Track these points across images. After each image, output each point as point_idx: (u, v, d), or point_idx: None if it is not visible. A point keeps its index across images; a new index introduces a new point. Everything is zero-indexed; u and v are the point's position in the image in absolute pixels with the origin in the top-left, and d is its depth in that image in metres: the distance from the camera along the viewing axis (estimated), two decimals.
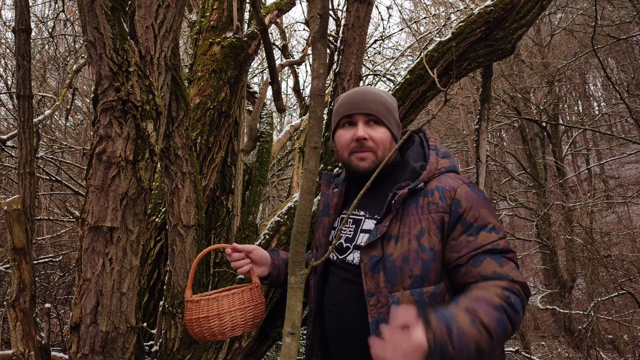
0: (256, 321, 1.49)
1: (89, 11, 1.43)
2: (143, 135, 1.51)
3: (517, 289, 1.24)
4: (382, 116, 1.47)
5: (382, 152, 1.45)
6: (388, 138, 1.47)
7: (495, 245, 1.30)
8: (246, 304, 1.46)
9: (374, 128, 1.47)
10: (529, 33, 9.93)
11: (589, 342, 6.73)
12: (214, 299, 1.44)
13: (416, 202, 1.36)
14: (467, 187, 1.36)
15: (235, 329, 1.44)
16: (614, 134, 10.03)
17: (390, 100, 1.52)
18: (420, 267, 1.32)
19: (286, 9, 3.25)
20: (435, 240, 1.33)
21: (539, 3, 2.31)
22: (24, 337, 2.02)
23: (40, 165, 5.43)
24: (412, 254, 1.32)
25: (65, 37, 6.90)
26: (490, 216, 1.34)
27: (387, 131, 1.47)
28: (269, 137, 3.45)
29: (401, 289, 1.32)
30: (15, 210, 2.04)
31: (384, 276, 1.33)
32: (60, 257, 6.18)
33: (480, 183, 2.56)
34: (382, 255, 1.35)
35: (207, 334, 1.43)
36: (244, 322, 1.46)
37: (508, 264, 1.29)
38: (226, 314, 1.43)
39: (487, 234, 1.31)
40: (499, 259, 1.28)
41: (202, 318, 1.42)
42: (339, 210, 1.56)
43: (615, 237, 9.60)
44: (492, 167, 10.91)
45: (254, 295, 1.49)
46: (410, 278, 1.31)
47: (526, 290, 1.27)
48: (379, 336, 1.26)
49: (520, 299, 1.24)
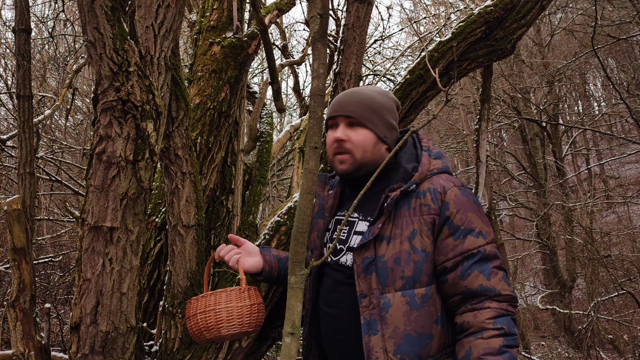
0: (252, 321, 1.49)
1: (89, 11, 1.43)
2: (143, 135, 1.51)
3: (504, 309, 1.28)
4: (362, 118, 1.46)
5: (362, 154, 1.45)
6: (369, 140, 1.46)
7: (482, 250, 1.31)
8: (241, 303, 1.46)
9: (354, 130, 1.47)
10: (529, 33, 9.92)
11: (589, 342, 6.73)
12: (211, 296, 1.47)
13: (408, 203, 1.37)
14: (458, 190, 1.36)
15: (232, 326, 1.44)
16: (614, 134, 10.03)
17: (382, 101, 1.50)
18: (412, 269, 1.32)
19: (286, 9, 3.25)
20: (427, 242, 1.33)
21: (539, 3, 2.31)
22: (24, 337, 2.02)
23: (40, 165, 5.42)
24: (403, 255, 1.33)
25: (65, 37, 6.90)
26: (479, 220, 1.34)
27: (368, 133, 1.46)
28: (269, 137, 3.45)
29: (392, 290, 1.32)
30: (15, 210, 2.04)
31: (376, 277, 1.34)
32: (60, 257, 6.18)
33: (480, 183, 2.56)
34: (375, 257, 1.35)
35: (204, 330, 1.44)
36: (240, 320, 1.45)
37: (496, 274, 1.30)
38: (222, 309, 1.44)
39: (474, 238, 1.32)
40: (487, 270, 1.30)
41: (199, 313, 1.45)
42: (333, 212, 1.56)
43: (615, 237, 9.59)
44: (492, 167, 10.91)
45: (251, 295, 1.50)
46: (402, 279, 1.32)
47: (513, 302, 1.31)
48: (371, 336, 1.28)
49: (509, 317, 1.29)
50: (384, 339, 1.31)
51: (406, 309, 1.31)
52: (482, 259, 1.31)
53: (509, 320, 1.27)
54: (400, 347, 1.29)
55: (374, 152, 1.47)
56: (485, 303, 1.28)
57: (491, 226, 1.38)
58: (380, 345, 1.31)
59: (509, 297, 1.30)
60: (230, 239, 1.65)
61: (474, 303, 1.30)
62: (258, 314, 1.50)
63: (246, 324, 1.46)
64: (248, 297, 1.48)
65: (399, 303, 1.31)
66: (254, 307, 1.48)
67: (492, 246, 1.33)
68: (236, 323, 1.45)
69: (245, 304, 1.47)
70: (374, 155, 1.47)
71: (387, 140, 1.49)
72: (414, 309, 1.31)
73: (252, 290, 1.51)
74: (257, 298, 1.52)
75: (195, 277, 1.94)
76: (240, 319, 1.45)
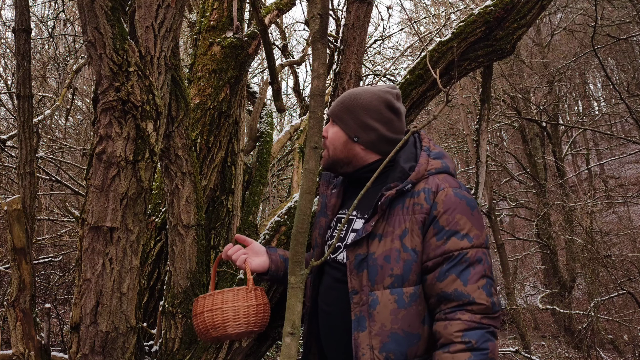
0: (258, 321, 1.49)
1: (89, 11, 1.43)
2: (143, 135, 1.51)
3: (476, 322, 1.23)
4: (335, 116, 1.53)
5: (333, 151, 1.52)
6: (338, 138, 1.51)
7: (463, 253, 1.28)
8: (247, 302, 1.47)
9: (332, 127, 1.54)
10: (529, 33, 9.92)
11: (589, 342, 6.73)
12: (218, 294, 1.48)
13: (403, 202, 1.37)
14: (451, 190, 1.34)
15: (239, 325, 1.45)
16: (614, 134, 10.03)
17: (364, 101, 1.49)
18: (401, 267, 1.32)
19: (286, 9, 3.25)
20: (417, 241, 1.33)
21: (539, 3, 2.30)
22: (24, 337, 2.01)
23: (40, 165, 5.42)
24: (393, 253, 1.33)
25: (65, 37, 6.90)
26: (468, 222, 1.31)
27: (339, 131, 1.51)
28: (269, 137, 3.45)
29: (381, 288, 1.32)
30: (15, 210, 2.04)
31: (367, 274, 1.34)
32: (60, 257, 6.18)
33: (480, 183, 2.56)
34: (367, 254, 1.36)
35: (210, 329, 1.45)
36: (247, 319, 1.46)
37: (475, 281, 1.26)
38: (229, 308, 1.45)
39: (458, 240, 1.29)
40: (466, 275, 1.26)
41: (206, 311, 1.46)
42: (335, 210, 1.57)
43: (615, 237, 9.60)
44: (492, 167, 10.92)
45: (257, 295, 1.51)
46: (391, 277, 1.32)
47: (489, 313, 1.25)
48: (359, 333, 1.27)
49: (483, 330, 1.23)
50: (371, 335, 1.31)
51: (394, 307, 1.30)
52: (462, 262, 1.27)
53: (481, 334, 1.22)
54: (386, 345, 1.29)
55: (344, 151, 1.50)
56: (457, 314, 1.24)
57: (484, 229, 1.35)
58: (367, 342, 1.31)
59: (483, 308, 1.24)
60: (237, 239, 1.65)
61: (447, 311, 1.26)
62: (264, 313, 1.51)
63: (252, 324, 1.48)
64: (254, 297, 1.49)
65: (386, 301, 1.31)
66: (260, 307, 1.50)
67: (478, 250, 1.29)
68: (242, 322, 1.46)
69: (251, 304, 1.47)
70: (345, 154, 1.50)
71: (360, 140, 1.48)
72: (401, 308, 1.30)
73: (258, 290, 1.53)
74: (264, 298, 1.53)
75: (195, 277, 1.94)
76: (246, 319, 1.46)
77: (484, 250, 1.31)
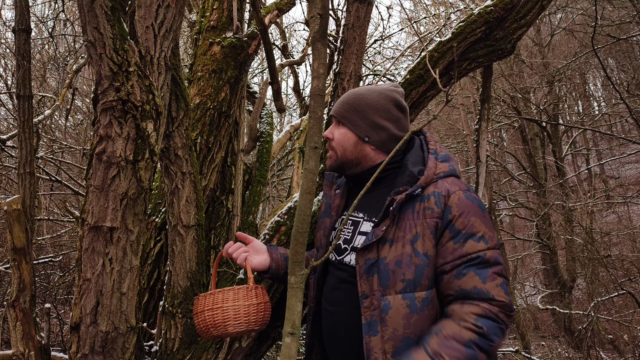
0: (259, 319, 1.50)
1: (89, 11, 1.43)
2: (143, 135, 1.51)
3: (494, 313, 1.24)
4: (342, 117, 1.51)
5: (342, 153, 1.50)
6: (347, 139, 1.50)
7: (481, 255, 1.29)
8: (248, 301, 1.48)
9: (338, 128, 1.53)
10: (529, 33, 9.93)
11: (589, 342, 6.73)
12: (219, 293, 1.49)
13: (413, 207, 1.36)
14: (462, 194, 1.35)
15: (239, 323, 1.46)
16: (614, 134, 10.03)
17: (371, 100, 1.50)
18: (413, 272, 1.32)
19: (286, 9, 3.25)
20: (429, 246, 1.33)
21: (539, 3, 2.30)
22: (24, 337, 2.01)
23: (40, 165, 5.43)
24: (405, 258, 1.33)
25: (65, 37, 6.90)
26: (482, 225, 1.32)
27: (347, 132, 1.50)
28: (269, 137, 3.45)
29: (393, 293, 1.32)
30: (15, 210, 2.04)
31: (377, 279, 1.34)
32: (60, 257, 6.19)
33: (480, 183, 2.56)
34: (377, 259, 1.35)
35: (211, 327, 1.46)
36: (247, 318, 1.47)
37: (494, 279, 1.27)
38: (230, 307, 1.46)
39: (475, 242, 1.30)
40: (485, 274, 1.27)
41: (207, 310, 1.47)
42: (340, 211, 1.57)
43: (615, 237, 9.59)
44: (492, 167, 10.92)
45: (258, 293, 1.51)
46: (403, 282, 1.32)
47: (507, 309, 1.26)
48: (371, 337, 1.28)
49: (496, 324, 1.24)
50: (383, 340, 1.31)
51: (406, 312, 1.30)
52: (480, 263, 1.28)
53: (494, 327, 1.23)
54: (399, 350, 1.29)
55: (354, 152, 1.49)
56: (475, 301, 1.26)
57: (494, 230, 1.36)
58: (379, 346, 1.31)
59: (502, 304, 1.25)
60: (238, 236, 1.65)
61: (465, 302, 1.28)
62: (265, 312, 1.52)
63: (252, 322, 1.48)
64: (255, 295, 1.50)
65: (399, 306, 1.31)
66: (260, 306, 1.50)
67: (493, 252, 1.30)
68: (243, 321, 1.46)
69: (252, 303, 1.48)
70: (355, 155, 1.49)
71: (371, 140, 1.49)
72: (414, 312, 1.30)
73: (259, 289, 1.53)
74: (264, 297, 1.53)
75: (195, 277, 1.94)
76: (247, 317, 1.47)
77: (498, 252, 1.33)
